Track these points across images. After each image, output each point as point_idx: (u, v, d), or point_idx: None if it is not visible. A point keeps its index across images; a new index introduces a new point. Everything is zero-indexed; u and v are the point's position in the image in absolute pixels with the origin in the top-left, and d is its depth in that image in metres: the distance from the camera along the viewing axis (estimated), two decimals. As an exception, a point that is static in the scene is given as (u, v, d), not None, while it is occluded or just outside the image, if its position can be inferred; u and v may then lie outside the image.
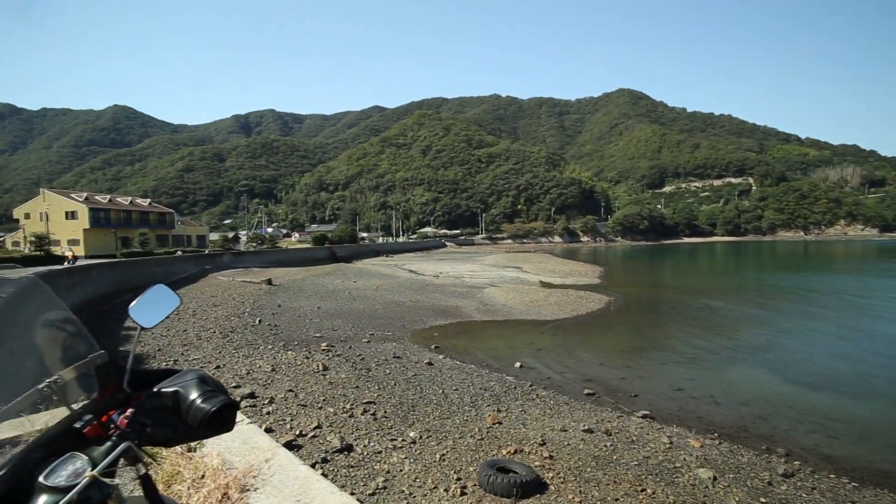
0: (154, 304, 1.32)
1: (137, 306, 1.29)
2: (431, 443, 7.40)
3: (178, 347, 16.40)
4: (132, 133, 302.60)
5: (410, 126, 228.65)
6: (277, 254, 56.62)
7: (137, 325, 1.26)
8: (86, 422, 0.99)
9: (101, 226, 54.05)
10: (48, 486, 0.85)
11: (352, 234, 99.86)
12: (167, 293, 1.37)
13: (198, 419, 1.00)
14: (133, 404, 1.04)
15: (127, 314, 4.76)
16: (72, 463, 0.89)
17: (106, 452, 0.93)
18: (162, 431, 1.03)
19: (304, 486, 2.27)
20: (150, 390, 1.07)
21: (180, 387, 1.04)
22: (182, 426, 1.02)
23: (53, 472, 0.87)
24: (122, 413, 1.02)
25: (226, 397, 1.03)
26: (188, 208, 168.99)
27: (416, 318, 19.25)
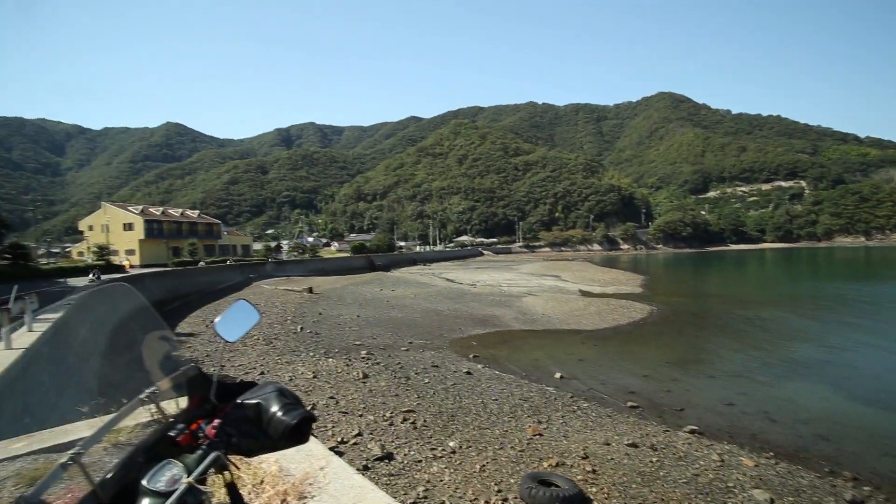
0: (237, 320, 1.36)
1: (222, 322, 1.34)
2: (471, 453, 7.33)
3: (225, 353, 16.94)
4: (183, 148, 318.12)
5: (446, 135, 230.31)
6: (318, 263, 57.97)
7: (222, 339, 1.31)
8: (179, 430, 1.05)
9: (155, 236, 56.88)
10: (151, 490, 0.91)
11: (389, 243, 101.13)
12: (248, 309, 1.40)
13: (279, 431, 1.03)
14: (220, 415, 1.09)
15: (175, 320, 4.96)
16: (169, 469, 0.95)
17: (198, 460, 0.98)
18: (246, 442, 1.07)
19: (360, 495, 2.29)
20: (235, 402, 1.11)
21: (262, 399, 1.08)
22: (264, 437, 1.06)
23: (154, 477, 0.93)
24: (210, 423, 1.07)
25: (304, 410, 1.07)
26: (233, 219, 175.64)
27: (454, 327, 19.23)
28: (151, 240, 56.13)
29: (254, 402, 1.08)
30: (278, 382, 1.16)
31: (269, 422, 1.04)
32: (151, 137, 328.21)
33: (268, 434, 1.05)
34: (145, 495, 0.90)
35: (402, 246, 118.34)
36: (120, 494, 0.90)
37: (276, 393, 1.08)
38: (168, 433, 1.05)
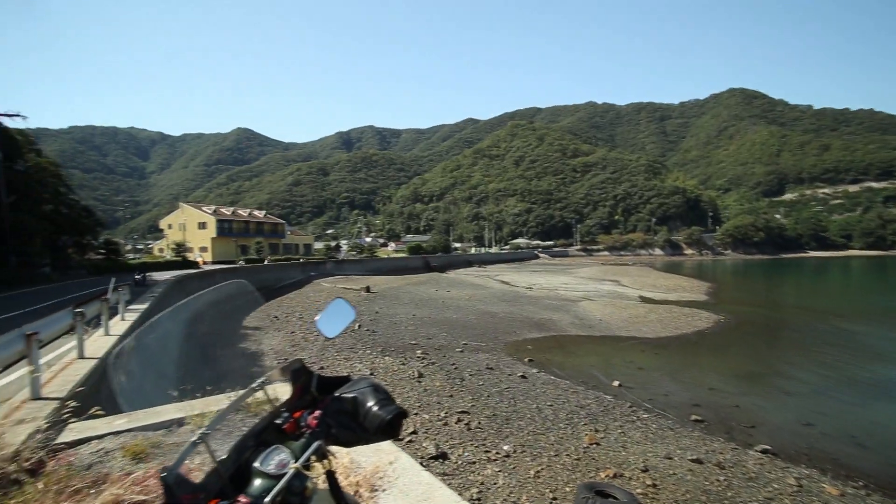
0: (334, 317, 1.42)
1: (321, 319, 1.42)
2: (526, 458, 7.28)
3: (288, 348, 17.81)
4: (251, 152, 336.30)
5: (503, 137, 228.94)
6: (375, 262, 59.42)
7: (322, 335, 1.39)
8: (284, 419, 1.13)
9: (225, 235, 60.54)
10: (262, 472, 0.98)
11: (445, 245, 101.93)
12: (345, 307, 1.46)
13: (374, 424, 1.07)
14: (320, 407, 1.15)
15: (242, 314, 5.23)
16: (278, 454, 1.02)
17: (302, 447, 1.05)
18: (344, 433, 1.12)
19: (428, 491, 2.34)
20: (333, 395, 1.17)
21: (358, 393, 1.13)
22: (360, 429, 1.11)
23: (265, 460, 1.00)
24: (311, 414, 1.14)
25: (398, 406, 1.10)
26: (296, 219, 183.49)
27: (509, 330, 19.10)
28: (222, 238, 59.79)
29: (351, 396, 1.13)
30: (371, 378, 1.22)
31: (366, 415, 1.09)
32: (223, 142, 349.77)
33: (364, 427, 1.10)
34: (257, 476, 0.98)
35: (458, 247, 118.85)
36: (235, 473, 0.99)
37: (371, 388, 1.14)
38: (275, 421, 1.13)
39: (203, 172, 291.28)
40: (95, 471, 2.72)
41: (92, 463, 2.83)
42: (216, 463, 0.97)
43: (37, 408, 3.84)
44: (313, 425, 1.11)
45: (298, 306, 26.07)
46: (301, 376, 1.22)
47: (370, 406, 1.10)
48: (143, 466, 2.73)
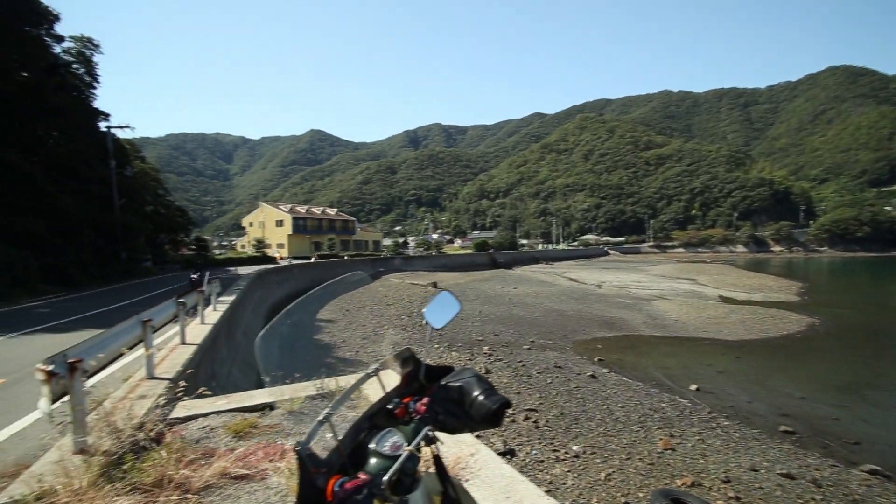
0: (441, 309, 1.48)
1: (429, 310, 1.48)
2: (596, 460, 7.14)
3: (359, 340, 18.52)
4: (323, 152, 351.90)
5: (571, 130, 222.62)
6: (442, 259, 60.14)
7: (430, 325, 1.44)
8: (395, 404, 1.21)
9: (300, 232, 63.88)
10: (378, 452, 1.05)
11: (511, 241, 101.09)
12: (451, 299, 1.50)
13: (481, 413, 1.11)
14: (427, 394, 1.22)
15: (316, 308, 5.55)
16: (392, 436, 1.09)
17: (412, 432, 1.12)
18: (450, 420, 1.17)
19: (511, 485, 2.39)
20: (440, 383, 1.22)
21: (464, 383, 1.17)
22: (465, 417, 1.15)
23: (381, 441, 1.08)
24: (419, 400, 1.20)
25: (503, 396, 1.13)
26: (365, 216, 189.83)
27: (578, 328, 18.68)
28: (298, 235, 63.14)
29: (457, 384, 1.18)
30: (474, 369, 1.27)
31: (472, 404, 1.13)
32: (298, 144, 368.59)
33: (469, 415, 1.14)
34: (373, 455, 1.05)
35: (525, 244, 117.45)
36: (353, 452, 1.07)
37: (475, 379, 1.18)
38: (386, 406, 1.21)
39: (280, 173, 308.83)
40: (204, 444, 3.05)
41: (200, 438, 3.17)
42: (338, 442, 1.05)
43: (152, 386, 4.34)
44: (422, 411, 1.17)
45: (369, 301, 27.01)
46: (410, 364, 1.29)
47: (476, 395, 1.13)
48: (242, 444, 3.01)
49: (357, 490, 0.92)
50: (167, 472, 2.52)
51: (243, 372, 10.43)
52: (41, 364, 2.84)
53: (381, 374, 1.30)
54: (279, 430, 3.21)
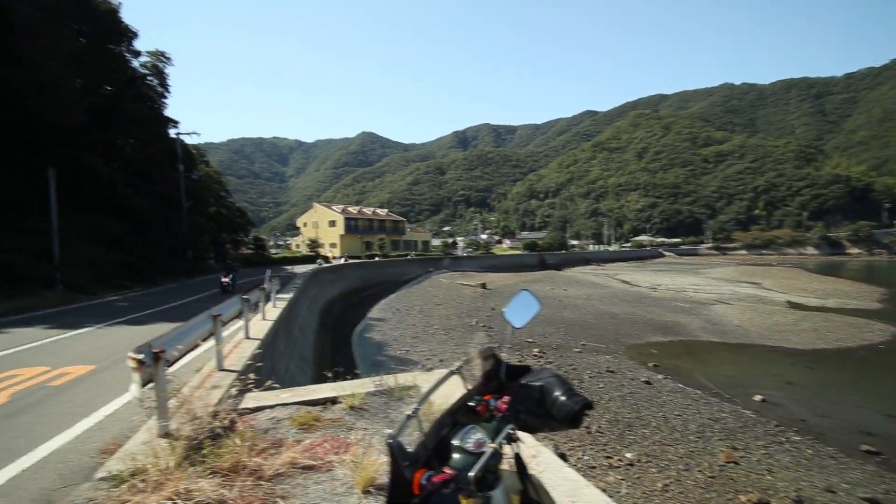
0: (521, 308, 1.47)
1: (509, 309, 1.48)
2: (651, 469, 6.93)
3: (409, 339, 18.79)
4: (374, 154, 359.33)
5: (624, 128, 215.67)
6: (490, 259, 59.95)
7: (510, 325, 1.43)
8: (477, 401, 1.22)
9: (352, 232, 65.57)
10: (462, 448, 1.08)
11: (561, 242, 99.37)
12: (530, 299, 1.49)
13: (562, 413, 1.12)
14: (508, 392, 1.21)
15: (367, 306, 5.71)
16: (474, 433, 1.11)
17: (494, 429, 1.13)
18: (531, 419, 1.18)
19: (574, 489, 2.37)
20: (520, 382, 1.23)
21: (545, 383, 1.18)
22: (546, 417, 1.15)
23: (464, 437, 1.10)
24: (500, 399, 1.20)
25: (584, 397, 1.13)
26: (414, 217, 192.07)
27: (631, 332, 18.12)
28: (349, 235, 64.82)
29: (538, 384, 1.18)
30: (553, 370, 1.26)
31: (553, 404, 1.13)
32: (350, 146, 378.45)
33: (551, 415, 1.14)
34: (457, 451, 1.08)
35: (575, 245, 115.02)
36: (436, 447, 1.10)
37: (556, 379, 1.18)
38: (468, 403, 1.22)
39: (332, 175, 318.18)
40: (272, 435, 3.24)
41: (268, 428, 3.37)
42: (424, 436, 1.08)
43: (222, 377, 4.63)
44: (503, 410, 1.17)
45: (418, 300, 27.36)
46: (491, 362, 1.29)
47: (557, 395, 1.13)
48: (307, 436, 3.18)
49: (444, 484, 0.94)
50: (241, 458, 2.70)
51: (300, 367, 10.86)
52: (132, 353, 3.12)
53: (444, 372, 1.31)
54: (341, 425, 3.35)
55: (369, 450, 2.66)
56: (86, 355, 7.03)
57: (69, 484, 2.84)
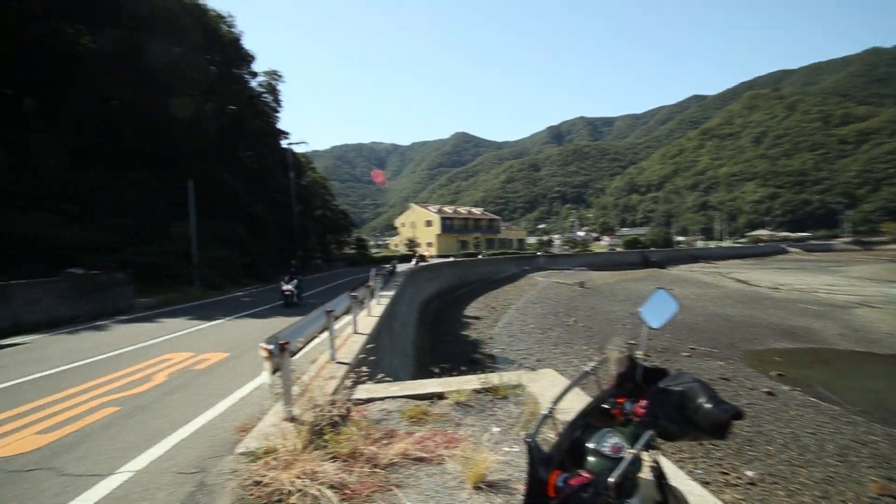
0: (658, 308, 1.43)
1: (645, 308, 1.44)
2: (778, 491, 6.25)
3: (505, 338, 18.76)
4: (467, 153, 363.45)
5: (738, 111, 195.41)
6: (588, 257, 57.85)
7: (646, 325, 1.40)
8: (612, 404, 1.19)
9: (448, 231, 66.86)
10: (598, 451, 1.05)
11: (666, 238, 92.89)
12: (667, 298, 1.43)
13: (708, 422, 1.04)
14: (645, 396, 1.16)
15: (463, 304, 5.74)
16: (610, 437, 1.07)
17: (631, 434, 1.09)
18: (670, 426, 1.10)
19: (701, 502, 2.24)
20: (658, 386, 1.16)
21: (686, 388, 1.10)
22: (688, 425, 1.07)
23: (600, 441, 1.07)
24: (637, 402, 1.16)
25: (733, 406, 1.04)
26: (509, 215, 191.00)
27: (749, 337, 16.46)
28: (445, 234, 66.17)
29: (678, 389, 1.11)
30: (694, 374, 1.18)
31: (696, 411, 1.05)
32: (444, 147, 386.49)
33: (694, 423, 1.06)
34: (592, 454, 1.04)
35: (681, 241, 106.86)
36: (568, 448, 1.07)
37: (699, 385, 1.10)
38: (601, 405, 1.19)
39: (427, 176, 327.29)
40: (384, 426, 3.43)
41: (380, 419, 3.58)
42: (558, 435, 1.07)
43: (335, 369, 5.00)
44: (641, 414, 1.13)
45: (514, 299, 27.20)
46: (625, 365, 1.25)
47: (701, 402, 1.05)
48: (417, 429, 3.32)
49: (582, 488, 0.92)
50: (358, 446, 2.90)
51: (401, 362, 11.33)
52: (263, 344, 3.49)
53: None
54: (449, 420, 3.46)
55: (479, 446, 2.72)
56: (221, 344, 7.98)
57: (216, 455, 3.25)
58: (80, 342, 8.74)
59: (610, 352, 1.29)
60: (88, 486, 2.91)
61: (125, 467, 3.16)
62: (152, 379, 5.67)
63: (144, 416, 4.29)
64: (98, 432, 3.89)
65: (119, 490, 2.84)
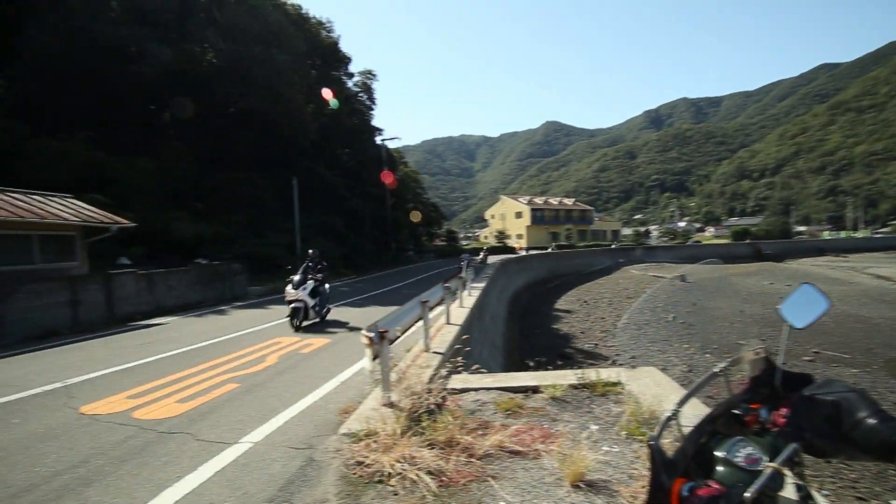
0: (802, 305, 1.27)
1: (787, 306, 1.29)
2: (935, 525, 5.35)
3: (598, 333, 18.09)
4: (558, 143, 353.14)
5: (884, 78, 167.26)
6: (690, 249, 53.87)
7: (788, 324, 1.26)
8: (745, 410, 1.07)
9: (538, 223, 65.71)
10: (729, 461, 0.95)
11: (783, 228, 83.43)
12: (815, 295, 1.27)
13: (872, 441, 0.89)
14: (787, 404, 1.03)
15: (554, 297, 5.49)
16: (744, 447, 0.96)
17: (770, 446, 0.96)
18: (820, 441, 0.96)
19: None
20: (802, 394, 1.03)
21: (840, 398, 0.96)
22: (844, 442, 0.93)
23: (731, 450, 0.96)
24: (773, 410, 1.04)
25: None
26: (602, 205, 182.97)
27: (893, 343, 14.27)
28: (535, 226, 65.11)
29: (830, 398, 0.97)
30: (848, 383, 1.02)
31: (856, 427, 0.91)
32: (533, 137, 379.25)
33: (850, 439, 0.92)
34: (722, 464, 0.94)
35: (802, 231, 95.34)
36: (694, 455, 0.98)
37: (857, 395, 0.95)
38: (732, 410, 1.08)
39: (517, 167, 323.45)
40: (478, 416, 3.46)
41: (474, 410, 3.61)
42: (683, 441, 0.99)
43: (429, 358, 5.14)
44: (781, 424, 1.00)
45: (608, 292, 26.13)
46: (760, 367, 1.14)
47: (863, 417, 0.90)
48: (511, 421, 3.30)
49: (712, 500, 0.85)
50: (454, 435, 2.95)
51: (491, 353, 11.36)
52: (365, 332, 3.67)
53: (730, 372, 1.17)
54: (544, 414, 3.39)
55: (577, 444, 2.63)
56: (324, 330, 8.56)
57: (321, 434, 3.49)
58: (207, 324, 9.87)
59: (743, 352, 1.16)
60: (218, 451, 3.28)
61: (246, 438, 3.51)
62: (265, 360, 6.24)
63: (260, 393, 4.73)
64: (223, 405, 4.36)
65: (242, 458, 3.16)
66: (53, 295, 9.69)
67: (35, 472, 3.08)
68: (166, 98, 23.39)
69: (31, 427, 3.95)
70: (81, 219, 11.54)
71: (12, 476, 3.06)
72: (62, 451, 3.40)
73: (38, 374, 5.73)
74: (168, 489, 2.76)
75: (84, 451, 3.38)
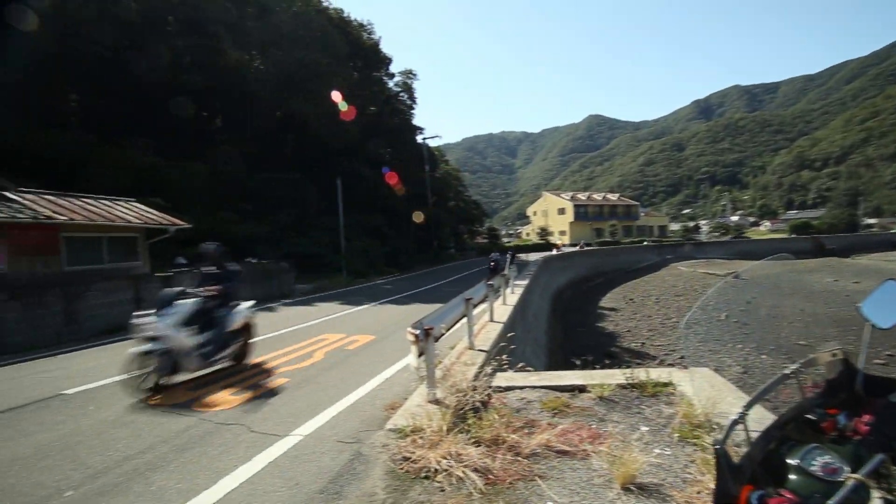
0: (886, 303, 1.19)
1: (869, 303, 1.21)
2: None
3: (645, 332, 17.56)
4: (601, 137, 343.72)
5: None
6: (744, 244, 51.34)
7: (871, 323, 1.19)
8: (821, 415, 1.01)
9: (581, 219, 64.37)
10: (804, 470, 0.89)
11: (850, 221, 78.13)
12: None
13: None
14: (870, 410, 0.97)
15: (598, 295, 5.28)
16: (820, 455, 0.90)
17: (851, 455, 0.90)
18: None
19: None
20: (890, 400, 0.98)
21: None
22: None
23: (806, 457, 0.90)
24: (854, 416, 0.98)
25: None
26: (648, 200, 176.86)
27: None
28: (579, 222, 63.83)
29: None
30: None
31: None
32: (576, 132, 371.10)
33: None
34: (797, 473, 0.88)
35: (873, 224, 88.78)
36: (762, 461, 0.94)
37: None
38: (805, 415, 1.02)
39: (559, 163, 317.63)
40: (524, 415, 3.43)
41: (519, 408, 3.58)
42: (750, 441, 0.95)
43: (473, 355, 5.15)
44: (864, 432, 0.94)
45: (654, 290, 25.35)
46: (839, 370, 1.08)
47: None
48: (558, 421, 3.26)
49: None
50: (500, 433, 2.94)
51: (534, 351, 11.24)
52: (411, 329, 3.72)
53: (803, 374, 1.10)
54: (592, 414, 3.32)
55: (627, 445, 2.56)
56: (368, 327, 8.72)
57: (368, 429, 3.56)
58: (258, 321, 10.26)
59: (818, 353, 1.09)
60: (270, 443, 3.40)
61: (296, 431, 3.63)
62: (313, 356, 6.43)
63: (308, 388, 4.88)
64: (274, 399, 4.53)
65: (293, 451, 3.27)
66: (119, 293, 10.36)
67: (108, 457, 3.31)
68: (217, 105, 24.50)
69: (104, 415, 4.25)
70: (143, 221, 12.28)
71: (91, 458, 3.30)
72: (130, 438, 3.64)
73: (109, 366, 6.13)
74: (225, 477, 2.90)
75: (149, 439, 3.60)
